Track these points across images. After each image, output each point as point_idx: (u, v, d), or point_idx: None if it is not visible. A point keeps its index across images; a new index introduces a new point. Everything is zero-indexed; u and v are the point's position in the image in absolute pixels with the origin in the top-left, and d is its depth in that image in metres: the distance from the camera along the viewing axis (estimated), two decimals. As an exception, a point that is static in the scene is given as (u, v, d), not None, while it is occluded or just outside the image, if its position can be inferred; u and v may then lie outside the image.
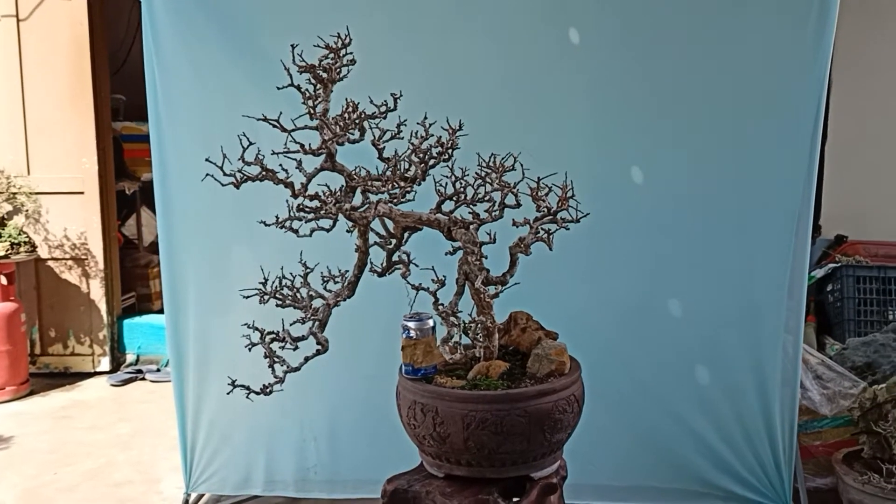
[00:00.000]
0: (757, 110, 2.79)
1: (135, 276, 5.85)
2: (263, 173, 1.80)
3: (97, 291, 5.24)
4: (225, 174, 1.78)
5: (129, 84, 6.00)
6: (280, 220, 1.81)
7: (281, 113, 1.81)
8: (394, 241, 1.98)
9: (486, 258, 1.89)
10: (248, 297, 1.82)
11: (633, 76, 2.84)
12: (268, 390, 1.75)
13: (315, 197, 1.76)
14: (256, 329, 1.77)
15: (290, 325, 1.77)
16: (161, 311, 5.56)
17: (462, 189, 1.97)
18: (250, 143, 1.79)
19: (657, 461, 2.98)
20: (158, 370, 5.14)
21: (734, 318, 2.90)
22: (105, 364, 5.27)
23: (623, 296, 2.93)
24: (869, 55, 4.54)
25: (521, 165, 1.95)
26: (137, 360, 5.36)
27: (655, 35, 2.82)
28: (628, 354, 2.94)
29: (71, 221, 5.15)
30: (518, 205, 1.93)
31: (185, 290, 3.03)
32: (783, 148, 2.78)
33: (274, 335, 1.75)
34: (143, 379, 5.10)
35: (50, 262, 5.18)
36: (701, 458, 2.95)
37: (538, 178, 1.92)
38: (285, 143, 1.79)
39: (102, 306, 5.25)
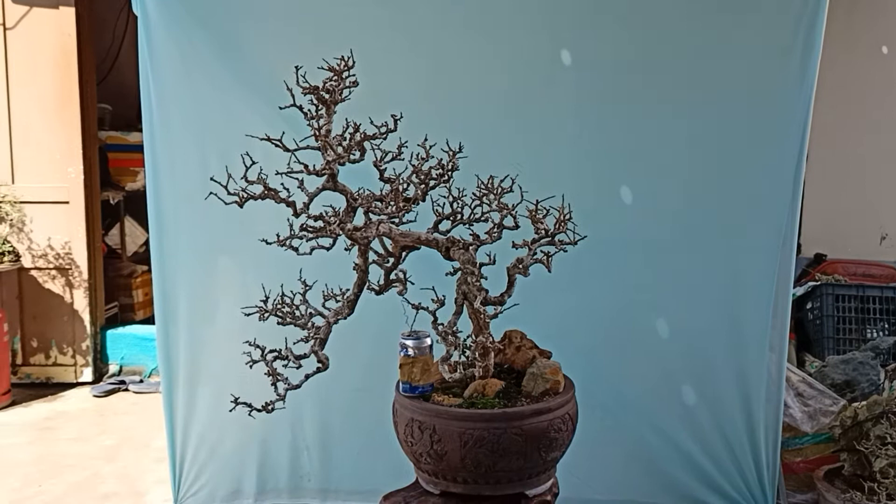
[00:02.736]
0: (744, 135, 2.85)
1: (118, 285, 5.81)
2: (266, 192, 1.82)
3: (81, 301, 5.20)
4: (229, 193, 1.80)
5: (115, 94, 6.02)
6: (281, 238, 1.83)
7: (283, 133, 1.84)
8: (391, 259, 2.01)
9: (486, 279, 1.92)
10: (249, 314, 1.84)
11: (627, 99, 2.89)
12: (269, 408, 1.77)
13: (319, 217, 1.79)
14: (258, 347, 1.79)
15: (294, 343, 1.79)
16: (144, 322, 5.64)
17: (459, 209, 2.00)
18: (253, 163, 1.81)
19: (644, 476, 3.02)
20: (142, 381, 5.12)
21: (720, 335, 2.95)
22: (88, 374, 5.23)
23: (609, 313, 2.97)
24: (848, 82, 4.65)
25: (521, 188, 1.99)
26: (120, 371, 5.32)
27: (647, 62, 2.88)
28: (614, 371, 2.98)
29: (55, 231, 5.12)
30: (516, 226, 1.97)
31: (176, 301, 3.03)
32: (769, 171, 2.84)
33: (276, 353, 1.77)
34: (127, 390, 5.07)
35: (33, 272, 5.14)
36: (686, 473, 2.99)
37: (536, 200, 1.95)
38: (289, 163, 1.82)
39: (86, 316, 5.22)
